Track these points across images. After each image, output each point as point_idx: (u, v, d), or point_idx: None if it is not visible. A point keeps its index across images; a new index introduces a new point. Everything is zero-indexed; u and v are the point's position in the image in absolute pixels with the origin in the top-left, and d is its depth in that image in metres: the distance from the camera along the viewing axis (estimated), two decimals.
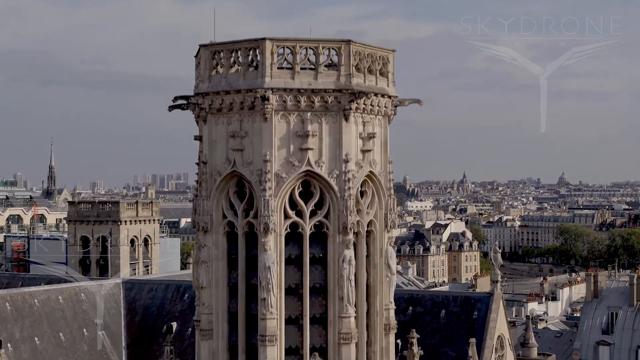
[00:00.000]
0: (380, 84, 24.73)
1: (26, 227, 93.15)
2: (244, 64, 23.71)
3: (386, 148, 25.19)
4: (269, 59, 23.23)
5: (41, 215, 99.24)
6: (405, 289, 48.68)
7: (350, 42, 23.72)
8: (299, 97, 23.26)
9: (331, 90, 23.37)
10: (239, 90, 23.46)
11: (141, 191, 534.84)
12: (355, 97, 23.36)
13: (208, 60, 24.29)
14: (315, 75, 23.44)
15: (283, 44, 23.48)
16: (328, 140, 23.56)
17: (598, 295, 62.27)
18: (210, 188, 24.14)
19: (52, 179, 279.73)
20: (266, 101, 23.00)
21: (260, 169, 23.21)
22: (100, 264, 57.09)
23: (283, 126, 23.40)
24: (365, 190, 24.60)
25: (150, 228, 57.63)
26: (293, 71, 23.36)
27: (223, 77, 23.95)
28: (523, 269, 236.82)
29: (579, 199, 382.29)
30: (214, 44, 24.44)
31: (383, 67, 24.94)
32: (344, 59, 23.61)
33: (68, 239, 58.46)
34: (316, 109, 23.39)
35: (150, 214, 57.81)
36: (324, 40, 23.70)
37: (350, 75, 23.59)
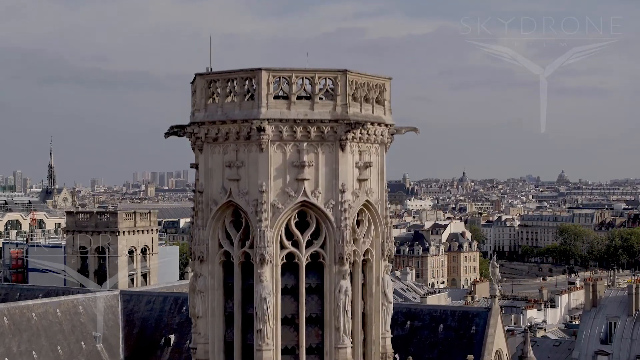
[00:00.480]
0: (377, 112, 24.68)
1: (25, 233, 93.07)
2: (240, 93, 23.65)
3: (383, 176, 25.16)
4: (265, 89, 23.18)
5: (40, 220, 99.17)
6: (403, 303, 48.65)
7: (347, 72, 23.67)
8: (295, 127, 23.21)
9: (327, 121, 23.32)
10: (235, 120, 23.42)
11: (141, 189, 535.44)
12: (352, 127, 23.32)
13: (204, 89, 24.24)
14: (312, 105, 23.38)
15: (279, 74, 23.44)
16: (324, 170, 23.51)
17: (597, 305, 62.24)
18: (207, 217, 24.09)
19: (52, 178, 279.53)
20: (262, 132, 22.96)
21: (256, 199, 23.16)
22: (99, 274, 57.02)
23: (279, 156, 23.35)
24: (362, 219, 24.55)
25: (149, 238, 57.56)
26: (289, 101, 23.31)
27: (219, 107, 23.90)
28: (522, 269, 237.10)
29: (579, 197, 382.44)
30: (210, 73, 24.40)
31: (379, 95, 24.89)
32: (340, 89, 23.55)
33: (66, 249, 58.42)
34: (312, 139, 23.34)
35: (149, 223, 57.78)
36: (320, 70, 23.64)
37: (346, 105, 23.53)
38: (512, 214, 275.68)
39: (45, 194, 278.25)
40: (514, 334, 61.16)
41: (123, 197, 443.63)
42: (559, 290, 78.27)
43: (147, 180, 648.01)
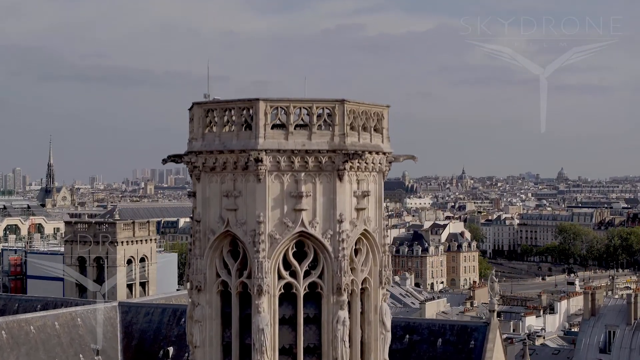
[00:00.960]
0: (375, 140, 24.61)
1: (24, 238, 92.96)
2: (237, 123, 23.59)
3: (381, 204, 25.11)
4: (262, 119, 23.11)
5: (38, 225, 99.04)
6: (402, 317, 48.60)
7: (344, 102, 23.61)
8: (293, 157, 23.15)
9: (325, 151, 23.25)
10: (233, 150, 23.35)
11: (140, 186, 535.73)
12: (350, 157, 23.26)
13: (202, 118, 24.17)
14: (309, 135, 23.32)
15: (277, 104, 23.37)
16: (322, 200, 23.45)
17: (596, 314, 62.19)
18: (204, 247, 24.03)
19: (51, 177, 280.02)
20: (260, 163, 22.90)
21: (254, 229, 23.10)
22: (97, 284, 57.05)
23: (277, 186, 23.29)
24: (360, 247, 24.49)
25: (147, 248, 57.49)
26: (287, 131, 23.24)
27: (217, 136, 23.83)
28: (522, 268, 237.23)
29: (578, 195, 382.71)
30: (207, 102, 24.36)
31: (377, 123, 24.83)
32: (337, 119, 23.48)
33: (65, 259, 58.39)
34: (310, 169, 23.28)
35: (147, 233, 57.70)
36: (317, 100, 23.57)
37: (344, 135, 23.47)
38: (512, 213, 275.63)
39: (44, 193, 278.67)
40: (513, 342, 61.11)
41: (122, 195, 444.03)
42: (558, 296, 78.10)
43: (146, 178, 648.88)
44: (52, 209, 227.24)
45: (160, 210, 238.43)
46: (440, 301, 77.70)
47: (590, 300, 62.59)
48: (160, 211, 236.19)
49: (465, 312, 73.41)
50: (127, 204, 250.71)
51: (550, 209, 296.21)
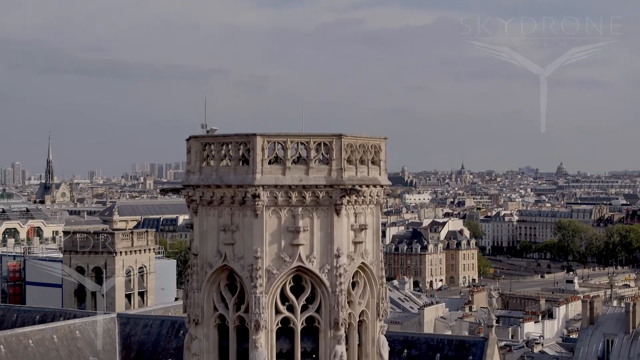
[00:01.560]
0: (372, 173, 24.62)
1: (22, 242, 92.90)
2: (234, 157, 23.58)
3: (378, 236, 25.09)
4: (260, 155, 23.11)
5: (37, 229, 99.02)
6: (400, 332, 48.71)
7: (342, 136, 23.61)
8: (290, 192, 23.15)
9: (322, 186, 23.25)
10: (230, 185, 23.35)
11: (139, 181, 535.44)
12: (347, 193, 23.26)
13: (199, 152, 24.16)
14: (307, 170, 23.31)
15: (274, 139, 23.37)
16: (319, 234, 23.45)
17: (594, 322, 62.26)
18: (201, 280, 24.04)
19: (50, 173, 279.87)
20: (257, 198, 22.89)
21: (251, 264, 23.11)
22: (95, 295, 57.06)
23: (274, 221, 23.29)
24: (357, 280, 24.50)
25: (146, 257, 57.48)
26: (284, 166, 23.23)
27: (214, 170, 23.82)
28: (521, 265, 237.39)
29: (577, 190, 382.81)
30: (204, 136, 24.40)
31: (375, 155, 24.83)
32: (335, 153, 23.47)
33: (63, 269, 58.43)
34: (307, 204, 23.28)
35: (146, 243, 57.68)
36: (315, 135, 23.56)
37: (341, 169, 23.46)
38: (511, 209, 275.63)
39: (43, 190, 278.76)
40: (512, 350, 61.24)
41: (122, 190, 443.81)
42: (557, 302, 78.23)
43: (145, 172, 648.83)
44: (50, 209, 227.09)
45: (160, 207, 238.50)
46: (439, 306, 77.74)
47: (588, 308, 62.67)
48: (159, 208, 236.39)
49: (464, 318, 73.45)
50: (126, 201, 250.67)
51: (550, 204, 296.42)
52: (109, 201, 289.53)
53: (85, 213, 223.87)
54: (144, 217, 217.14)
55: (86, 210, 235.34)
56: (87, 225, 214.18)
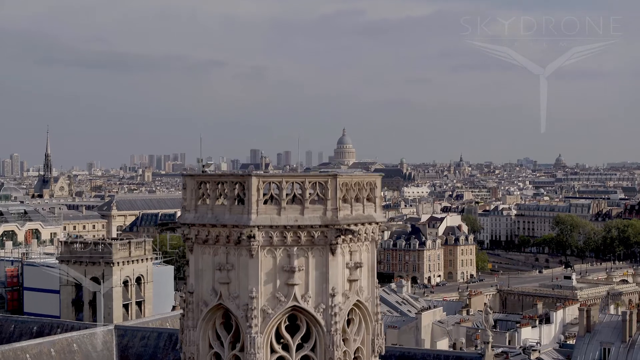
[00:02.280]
0: (368, 210, 24.64)
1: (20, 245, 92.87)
2: (230, 197, 23.61)
3: (373, 272, 25.14)
4: (255, 195, 23.13)
5: (35, 231, 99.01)
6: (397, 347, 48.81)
7: (337, 176, 23.63)
8: (285, 233, 23.21)
9: (318, 226, 23.29)
10: (225, 225, 23.41)
11: (138, 173, 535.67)
12: (342, 233, 23.30)
13: (194, 190, 24.19)
14: (302, 210, 23.34)
15: (269, 179, 23.42)
16: (315, 274, 23.51)
17: (591, 330, 62.40)
18: (197, 318, 24.10)
19: (48, 167, 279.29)
20: (252, 239, 22.94)
21: (246, 304, 23.16)
22: (93, 304, 57.08)
23: (269, 261, 23.34)
24: (353, 317, 24.55)
25: (143, 267, 57.52)
26: (279, 206, 23.26)
27: (209, 209, 23.85)
28: (519, 259, 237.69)
29: (576, 183, 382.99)
30: (200, 175, 24.39)
31: (370, 193, 24.85)
32: (330, 193, 23.51)
33: (61, 279, 58.48)
34: (302, 243, 23.34)
35: (143, 252, 57.76)
36: (310, 175, 23.63)
37: (336, 209, 23.49)
38: (509, 203, 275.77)
39: (42, 183, 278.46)
40: (508, 357, 61.32)
41: (120, 182, 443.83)
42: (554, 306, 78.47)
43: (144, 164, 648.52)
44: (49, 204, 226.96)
45: (158, 201, 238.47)
46: (436, 310, 77.86)
47: (585, 316, 62.80)
48: (157, 202, 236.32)
49: (461, 323, 73.57)
50: (124, 195, 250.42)
51: (548, 198, 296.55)
52: (107, 194, 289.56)
53: (83, 208, 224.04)
54: (142, 211, 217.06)
55: (84, 204, 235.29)
56: (85, 220, 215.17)
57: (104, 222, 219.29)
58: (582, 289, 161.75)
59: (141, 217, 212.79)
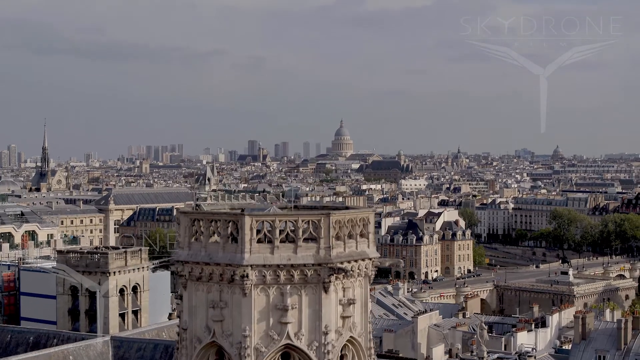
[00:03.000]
0: (361, 247, 24.70)
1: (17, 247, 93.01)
2: (223, 235, 23.67)
3: (366, 307, 25.21)
4: (248, 234, 23.20)
5: (32, 232, 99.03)
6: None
7: (330, 214, 23.66)
8: (279, 271, 23.30)
9: (311, 265, 23.36)
10: (219, 263, 23.47)
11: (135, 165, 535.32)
12: (335, 272, 23.36)
13: (188, 228, 24.25)
14: (295, 248, 23.42)
15: (262, 218, 23.43)
16: (308, 311, 23.59)
17: (586, 337, 62.59)
18: (190, 355, 24.22)
19: (46, 160, 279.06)
20: (245, 278, 23.00)
21: (239, 342, 23.28)
22: (89, 314, 57.10)
23: (262, 299, 23.43)
24: (346, 353, 24.68)
25: (139, 276, 57.57)
26: (272, 245, 23.33)
27: (203, 247, 23.92)
28: (516, 253, 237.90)
29: (573, 175, 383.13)
30: (194, 212, 24.43)
31: (363, 228, 24.91)
32: (323, 232, 23.58)
33: (57, 289, 58.46)
34: (296, 282, 23.44)
35: (139, 261, 57.80)
36: (303, 213, 23.70)
37: (329, 247, 23.56)
38: (506, 196, 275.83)
39: (39, 177, 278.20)
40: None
41: (117, 174, 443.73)
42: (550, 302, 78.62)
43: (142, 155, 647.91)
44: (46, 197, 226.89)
45: (155, 195, 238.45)
46: (432, 314, 77.91)
47: (580, 324, 62.98)
48: (155, 196, 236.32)
49: (457, 327, 73.61)
50: (121, 190, 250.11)
51: (545, 191, 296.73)
52: (104, 188, 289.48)
53: (81, 202, 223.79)
54: (140, 206, 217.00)
55: (82, 198, 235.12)
56: (83, 214, 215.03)
57: (102, 216, 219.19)
58: (579, 285, 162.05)
59: (138, 211, 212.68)
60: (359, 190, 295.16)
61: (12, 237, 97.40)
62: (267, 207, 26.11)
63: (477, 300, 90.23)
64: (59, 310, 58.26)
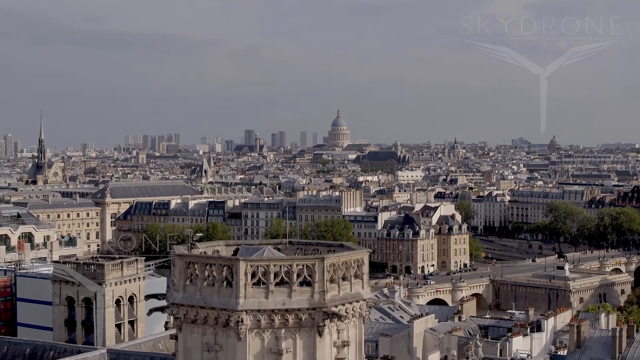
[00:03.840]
0: (355, 288, 24.78)
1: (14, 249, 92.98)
2: (218, 279, 23.73)
3: (361, 348, 25.33)
4: (243, 279, 23.28)
5: (29, 234, 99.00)
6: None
7: (325, 259, 23.73)
8: (273, 316, 23.39)
9: (305, 309, 23.44)
10: (214, 307, 23.55)
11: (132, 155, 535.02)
12: (329, 317, 23.45)
13: (183, 270, 24.33)
14: (289, 293, 23.50)
15: (257, 263, 23.50)
16: (302, 355, 23.73)
17: (581, 346, 62.80)
18: None
19: (42, 152, 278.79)
20: (240, 323, 23.08)
21: None
22: (86, 324, 57.25)
23: (257, 343, 23.53)
24: None
25: (136, 286, 57.72)
26: (267, 290, 23.41)
27: (198, 290, 24.00)
28: (512, 245, 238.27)
29: (570, 166, 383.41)
30: (189, 255, 24.47)
31: (358, 269, 25.00)
32: (317, 276, 23.66)
33: (53, 299, 58.54)
34: (290, 326, 23.54)
35: (135, 271, 57.91)
36: (298, 258, 23.78)
37: (324, 291, 23.64)
38: (503, 188, 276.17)
39: (35, 169, 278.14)
40: None
41: (114, 165, 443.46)
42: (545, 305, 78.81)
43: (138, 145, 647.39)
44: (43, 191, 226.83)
45: (152, 188, 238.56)
46: (428, 318, 78.00)
47: (575, 332, 63.17)
48: (151, 190, 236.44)
49: (452, 332, 73.74)
50: (118, 183, 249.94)
51: (542, 183, 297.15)
52: (101, 179, 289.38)
53: (77, 195, 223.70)
54: (136, 199, 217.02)
55: (78, 191, 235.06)
56: (79, 208, 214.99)
57: (98, 209, 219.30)
58: (575, 280, 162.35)
59: (135, 205, 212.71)
60: (356, 182, 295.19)
61: (8, 239, 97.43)
62: (261, 247, 26.10)
63: (473, 303, 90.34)
64: (55, 321, 58.36)
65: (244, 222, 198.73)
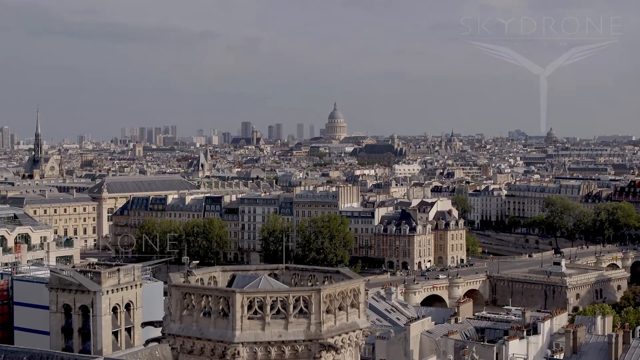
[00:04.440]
0: (352, 318, 24.81)
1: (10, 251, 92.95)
2: (215, 311, 23.74)
3: None
4: (239, 311, 23.30)
5: (25, 235, 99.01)
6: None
7: (321, 290, 23.74)
8: (270, 348, 23.41)
9: (302, 341, 23.47)
10: (210, 339, 23.57)
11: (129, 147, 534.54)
12: (325, 349, 23.49)
13: (179, 301, 24.34)
14: (286, 324, 23.53)
15: (253, 295, 23.51)
16: None
17: (577, 352, 62.92)
18: None
19: (39, 146, 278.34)
20: (237, 355, 23.12)
21: None
22: (83, 332, 57.21)
23: None
24: None
25: (132, 293, 57.71)
26: (263, 322, 23.42)
27: (194, 321, 24.02)
28: (509, 240, 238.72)
29: (566, 159, 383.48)
30: (185, 286, 24.49)
31: (354, 299, 25.01)
32: (314, 307, 23.68)
33: (50, 306, 58.49)
34: (287, 357, 23.57)
35: (132, 279, 57.89)
36: (294, 289, 23.77)
37: (320, 323, 23.66)
38: (500, 182, 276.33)
39: (32, 163, 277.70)
40: None
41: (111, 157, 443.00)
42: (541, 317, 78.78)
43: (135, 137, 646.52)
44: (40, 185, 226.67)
45: (149, 183, 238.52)
46: (425, 320, 78.07)
47: (572, 338, 63.29)
48: (148, 184, 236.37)
49: (449, 335, 73.85)
50: (115, 178, 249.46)
51: (539, 176, 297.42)
52: (97, 173, 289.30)
53: (74, 190, 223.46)
54: (133, 194, 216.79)
55: (75, 186, 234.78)
56: (76, 203, 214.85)
57: (95, 204, 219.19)
58: (571, 276, 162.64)
59: (132, 200, 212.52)
60: (353, 176, 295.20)
61: (5, 240, 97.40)
62: (257, 275, 26.11)
63: (469, 304, 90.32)
64: (52, 328, 58.30)
65: (241, 217, 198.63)
